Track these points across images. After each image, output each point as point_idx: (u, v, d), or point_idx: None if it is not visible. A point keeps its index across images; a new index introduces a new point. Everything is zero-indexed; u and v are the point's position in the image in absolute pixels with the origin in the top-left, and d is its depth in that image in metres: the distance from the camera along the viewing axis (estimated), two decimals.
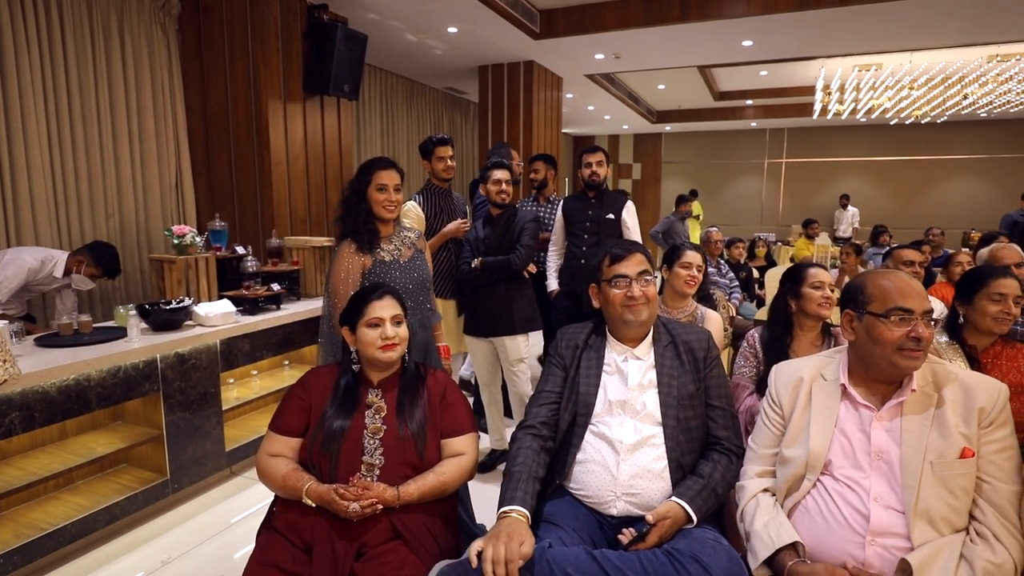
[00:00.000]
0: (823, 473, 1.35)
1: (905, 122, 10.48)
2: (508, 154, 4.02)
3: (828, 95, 8.36)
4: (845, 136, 12.31)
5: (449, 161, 3.15)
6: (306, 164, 4.52)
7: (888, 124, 11.28)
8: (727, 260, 5.26)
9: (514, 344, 2.93)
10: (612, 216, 3.29)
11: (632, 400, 1.56)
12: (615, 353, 1.65)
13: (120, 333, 2.64)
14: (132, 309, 2.71)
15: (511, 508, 1.39)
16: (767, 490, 1.43)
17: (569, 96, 8.65)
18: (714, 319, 2.39)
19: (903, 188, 12.07)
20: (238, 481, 3.02)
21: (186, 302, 2.83)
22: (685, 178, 13.61)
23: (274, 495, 1.64)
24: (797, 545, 1.30)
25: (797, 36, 5.75)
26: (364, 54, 4.69)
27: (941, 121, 10.29)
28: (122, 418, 2.81)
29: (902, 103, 8.59)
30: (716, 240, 4.91)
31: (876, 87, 8.00)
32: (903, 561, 1.19)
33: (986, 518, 1.22)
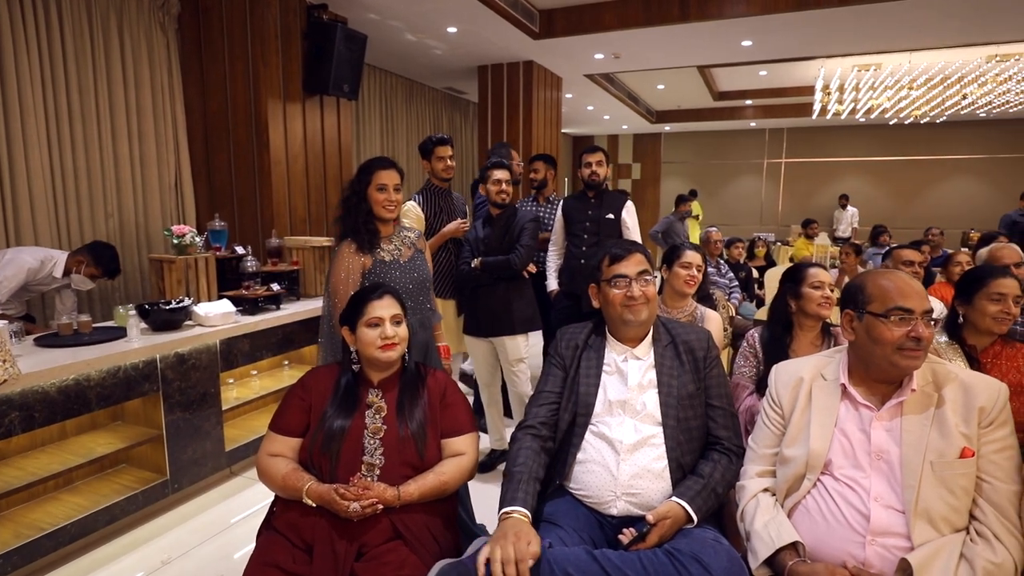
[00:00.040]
0: (823, 473, 1.35)
1: (904, 122, 10.49)
2: (508, 154, 4.02)
3: (827, 95, 8.36)
4: (844, 136, 12.32)
5: (449, 161, 3.15)
6: (306, 164, 4.52)
7: (887, 124, 11.29)
8: (727, 260, 5.26)
9: (514, 344, 2.93)
10: (612, 216, 3.29)
11: (632, 400, 1.57)
12: (615, 353, 1.65)
13: (120, 333, 2.64)
14: (132, 309, 2.71)
15: (513, 509, 1.38)
16: (767, 490, 1.43)
17: (569, 96, 8.65)
18: (714, 319, 2.39)
19: (902, 188, 12.08)
20: (238, 481, 3.02)
21: (186, 302, 2.83)
22: (684, 178, 13.61)
23: (274, 495, 1.64)
24: (797, 545, 1.30)
25: (797, 36, 5.75)
26: (364, 54, 4.69)
27: (940, 121, 10.30)
28: (122, 418, 2.81)
29: (901, 103, 8.59)
30: (716, 240, 4.91)
31: (875, 87, 8.00)
32: (903, 561, 1.19)
33: (986, 518, 1.22)
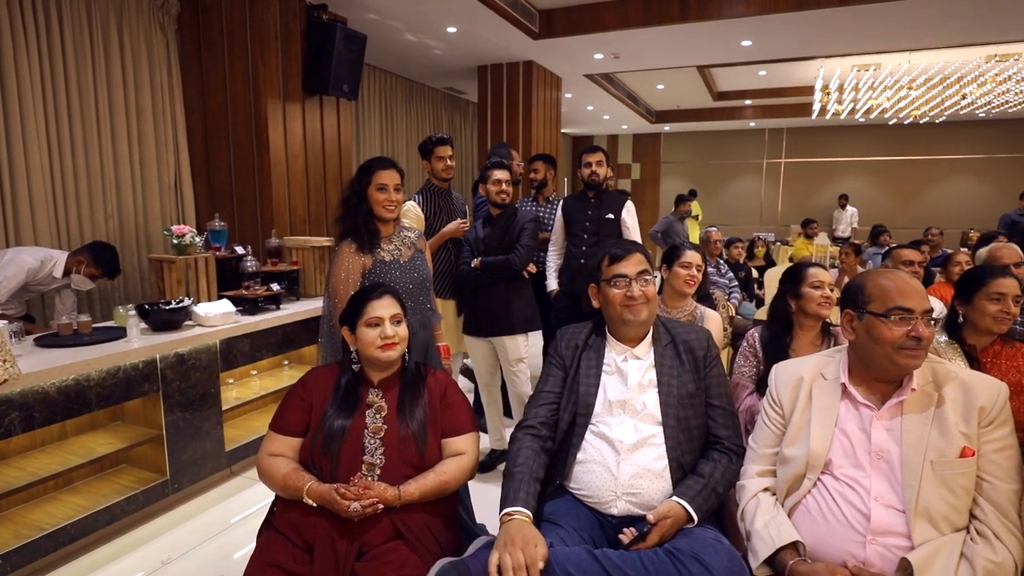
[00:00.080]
0: (823, 472, 1.35)
1: (904, 122, 10.49)
2: (508, 154, 4.02)
3: (827, 95, 8.36)
4: (844, 136, 12.32)
5: (449, 161, 3.15)
6: (305, 164, 4.52)
7: (887, 124, 11.29)
8: (726, 260, 5.26)
9: (513, 344, 2.93)
10: (612, 216, 3.29)
11: (632, 400, 1.57)
12: (615, 353, 1.65)
13: (120, 333, 2.64)
14: (132, 309, 2.71)
15: (515, 510, 1.38)
16: (767, 489, 1.43)
17: (568, 96, 8.65)
18: (713, 319, 2.39)
19: (902, 188, 12.09)
20: (238, 481, 3.02)
21: (185, 302, 2.83)
22: (684, 178, 13.61)
23: (275, 495, 1.64)
24: (798, 544, 1.30)
25: (796, 36, 5.75)
26: (363, 54, 4.69)
27: (940, 121, 10.30)
28: (122, 418, 2.81)
29: (901, 103, 8.60)
30: (715, 240, 4.91)
31: (875, 87, 8.00)
32: (904, 560, 1.19)
33: (986, 517, 1.23)
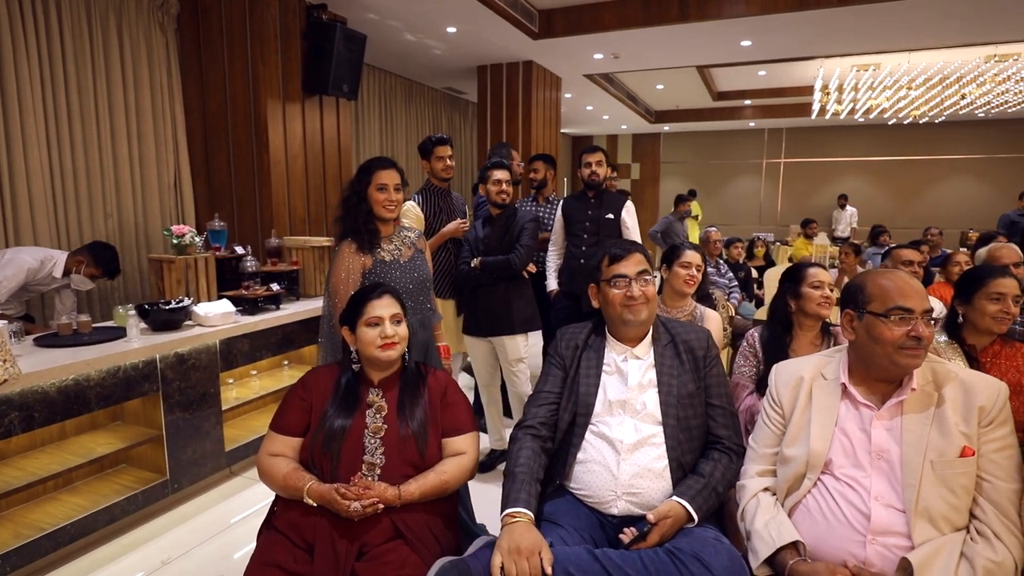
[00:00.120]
0: (824, 472, 1.35)
1: (903, 122, 10.50)
2: (508, 154, 4.02)
3: (826, 95, 8.37)
4: (843, 136, 12.32)
5: (448, 161, 3.15)
6: (305, 164, 4.51)
7: (886, 124, 11.29)
8: (726, 260, 5.26)
9: (513, 344, 2.93)
10: (611, 216, 3.29)
11: (632, 400, 1.57)
12: (615, 353, 1.65)
13: (119, 333, 2.64)
14: (131, 309, 2.71)
15: (516, 510, 1.38)
16: (768, 489, 1.43)
17: (568, 96, 8.65)
18: (713, 319, 2.39)
19: (901, 188, 12.09)
20: (238, 481, 3.02)
21: (185, 302, 2.83)
22: (684, 178, 13.61)
23: (275, 495, 1.64)
24: (798, 544, 1.30)
25: (796, 36, 5.76)
26: (363, 54, 4.68)
27: (939, 121, 10.31)
28: (121, 418, 2.81)
29: (900, 103, 8.60)
30: (715, 240, 4.91)
31: (874, 87, 8.01)
32: (904, 560, 1.20)
33: (986, 516, 1.23)
